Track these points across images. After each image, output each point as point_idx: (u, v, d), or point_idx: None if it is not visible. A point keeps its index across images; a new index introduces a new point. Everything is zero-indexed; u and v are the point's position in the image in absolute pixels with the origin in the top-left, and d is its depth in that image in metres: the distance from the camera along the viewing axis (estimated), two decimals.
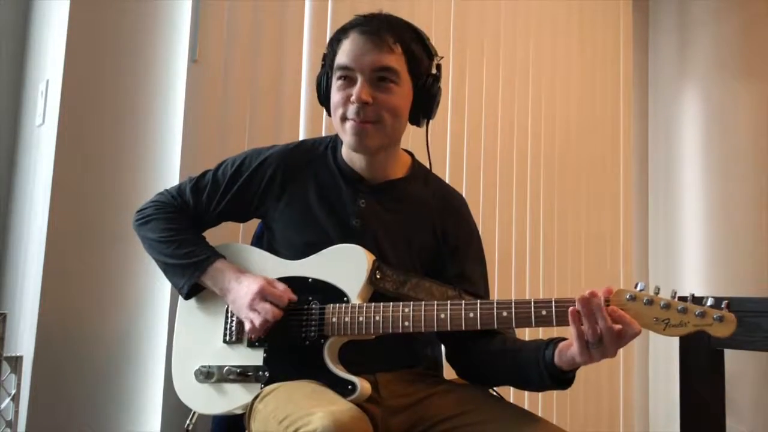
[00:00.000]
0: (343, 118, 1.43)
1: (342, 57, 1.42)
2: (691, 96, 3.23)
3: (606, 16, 3.20)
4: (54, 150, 1.78)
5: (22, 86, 2.10)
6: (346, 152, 1.50)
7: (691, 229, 3.15)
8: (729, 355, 2.13)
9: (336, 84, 1.43)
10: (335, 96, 1.44)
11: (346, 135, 1.44)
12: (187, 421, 1.51)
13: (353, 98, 1.40)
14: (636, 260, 3.27)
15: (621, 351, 3.08)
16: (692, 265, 3.12)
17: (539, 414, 1.36)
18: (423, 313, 1.31)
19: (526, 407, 1.40)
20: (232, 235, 1.75)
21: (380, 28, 1.41)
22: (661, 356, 3.16)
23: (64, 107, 1.79)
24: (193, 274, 1.45)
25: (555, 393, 2.75)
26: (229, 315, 1.46)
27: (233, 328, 1.44)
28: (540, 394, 2.65)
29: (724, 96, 3.14)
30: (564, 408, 2.80)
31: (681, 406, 2.11)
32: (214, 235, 1.58)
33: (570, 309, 1.19)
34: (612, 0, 3.24)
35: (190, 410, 1.47)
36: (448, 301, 1.32)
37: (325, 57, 1.50)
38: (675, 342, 2.16)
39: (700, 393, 2.09)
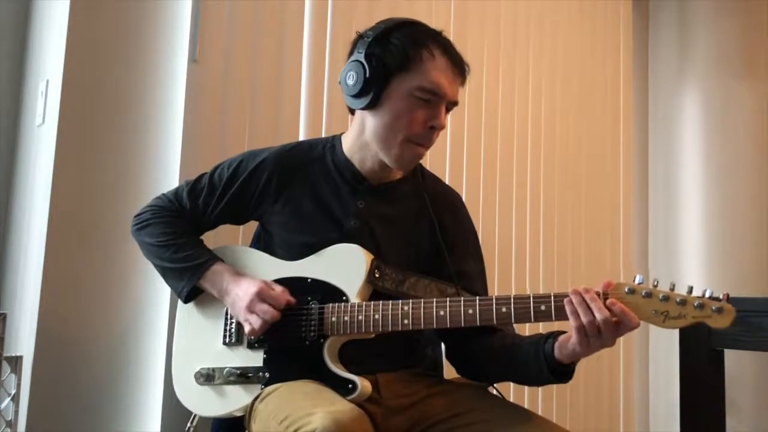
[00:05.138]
0: (408, 140, 1.40)
1: (436, 78, 1.37)
2: (691, 96, 3.23)
3: (606, 16, 3.20)
4: (54, 150, 1.78)
5: (22, 86, 2.10)
6: (351, 153, 1.49)
7: (691, 229, 3.15)
8: (729, 355, 2.13)
9: (417, 101, 1.38)
10: (413, 113, 1.38)
11: (401, 155, 1.42)
12: (188, 424, 1.51)
13: (437, 124, 1.40)
14: (636, 261, 3.27)
15: (621, 351, 3.12)
16: (692, 266, 3.12)
17: (539, 413, 1.36)
18: (422, 310, 1.31)
19: (526, 406, 1.40)
20: (231, 237, 1.75)
21: (461, 61, 1.41)
22: (661, 356, 3.16)
23: (64, 107, 1.79)
24: (191, 277, 1.45)
25: (555, 393, 2.75)
26: (229, 317, 1.45)
27: (233, 330, 1.44)
28: (540, 393, 2.65)
29: (724, 96, 3.14)
30: (564, 407, 2.80)
31: (681, 406, 2.11)
32: (214, 237, 1.58)
33: (565, 300, 1.21)
34: (612, 0, 3.24)
35: (190, 411, 1.47)
36: (447, 299, 1.32)
37: (375, 50, 1.37)
38: (675, 342, 2.16)
39: (700, 393, 2.09)
